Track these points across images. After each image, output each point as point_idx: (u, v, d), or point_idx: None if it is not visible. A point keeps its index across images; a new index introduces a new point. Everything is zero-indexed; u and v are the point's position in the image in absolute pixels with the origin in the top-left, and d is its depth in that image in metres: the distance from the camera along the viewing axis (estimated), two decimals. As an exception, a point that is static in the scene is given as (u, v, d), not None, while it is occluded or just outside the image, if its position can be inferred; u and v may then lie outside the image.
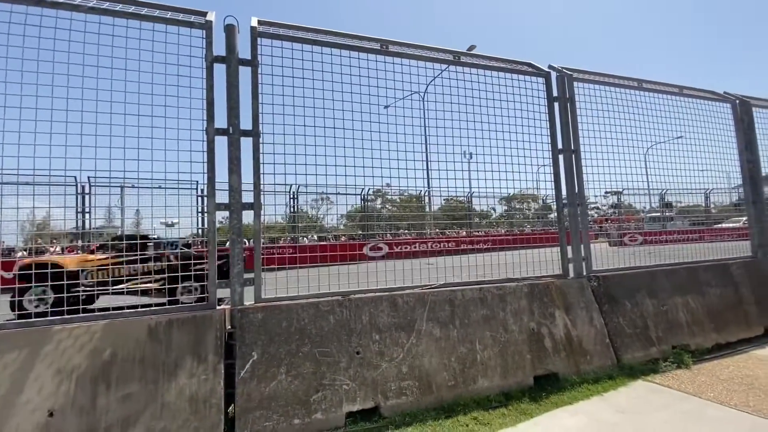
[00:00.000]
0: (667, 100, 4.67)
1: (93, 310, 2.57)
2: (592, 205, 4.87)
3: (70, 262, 5.02)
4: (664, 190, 5.38)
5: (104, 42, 2.63)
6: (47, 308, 2.89)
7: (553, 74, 4.02)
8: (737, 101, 5.10)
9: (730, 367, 3.46)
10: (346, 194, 3.81)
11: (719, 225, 6.28)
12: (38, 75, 2.50)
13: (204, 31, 2.78)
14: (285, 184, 3.04)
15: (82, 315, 2.50)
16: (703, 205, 6.21)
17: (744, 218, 5.33)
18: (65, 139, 2.49)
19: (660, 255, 4.57)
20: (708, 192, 5.67)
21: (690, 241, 5.53)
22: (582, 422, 2.59)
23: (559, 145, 3.92)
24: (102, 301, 2.57)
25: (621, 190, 4.60)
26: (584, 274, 3.83)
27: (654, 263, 4.32)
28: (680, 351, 3.64)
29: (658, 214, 5.97)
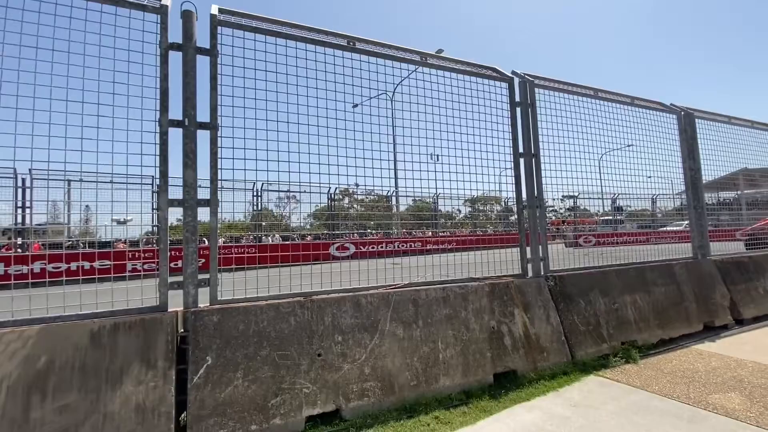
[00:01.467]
0: (619, 110, 4.94)
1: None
2: (550, 208, 5.06)
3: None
4: (616, 195, 5.69)
5: (46, 22, 2.41)
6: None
7: (516, 80, 4.14)
8: (682, 113, 5.48)
9: (673, 362, 3.69)
10: (310, 192, 3.73)
11: (664, 228, 6.73)
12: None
13: (159, 16, 2.61)
14: (245, 181, 2.92)
15: (14, 319, 2.27)
16: (650, 209, 6.62)
17: (686, 222, 5.74)
18: (-4, 126, 2.26)
19: (612, 256, 4.83)
20: (654, 197, 6.04)
21: (638, 243, 5.88)
22: (538, 417, 2.66)
23: (521, 149, 4.04)
24: (40, 303, 2.35)
25: (577, 194, 4.82)
26: (542, 273, 3.96)
27: (606, 263, 4.55)
28: (628, 347, 3.85)
29: (610, 217, 6.30)
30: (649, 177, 5.21)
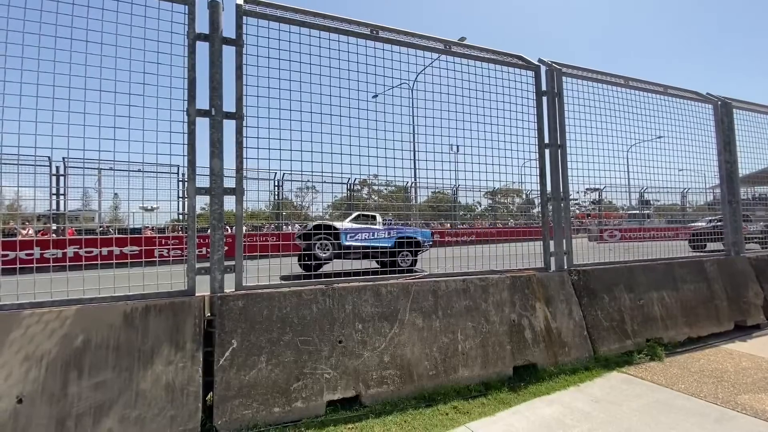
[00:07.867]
0: (650, 100, 4.74)
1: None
2: (573, 201, 4.94)
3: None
4: (644, 189, 5.49)
5: (79, 13, 2.49)
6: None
7: (543, 68, 4.03)
8: (719, 102, 5.22)
9: (700, 360, 3.58)
10: (332, 183, 3.76)
11: (694, 224, 6.47)
12: (6, 46, 2.35)
13: (186, 7, 2.66)
14: (269, 170, 2.97)
15: (52, 300, 2.40)
16: (680, 204, 6.36)
17: (717, 218, 5.50)
18: (35, 115, 2.36)
19: (638, 251, 4.68)
20: (685, 191, 5.81)
21: (666, 238, 5.68)
22: (558, 411, 2.64)
23: (546, 140, 3.94)
24: (76, 285, 2.47)
25: (602, 187, 4.68)
26: (565, 267, 3.89)
27: (632, 259, 4.42)
28: (654, 344, 3.76)
29: (637, 211, 6.10)
30: (681, 170, 5.01)
